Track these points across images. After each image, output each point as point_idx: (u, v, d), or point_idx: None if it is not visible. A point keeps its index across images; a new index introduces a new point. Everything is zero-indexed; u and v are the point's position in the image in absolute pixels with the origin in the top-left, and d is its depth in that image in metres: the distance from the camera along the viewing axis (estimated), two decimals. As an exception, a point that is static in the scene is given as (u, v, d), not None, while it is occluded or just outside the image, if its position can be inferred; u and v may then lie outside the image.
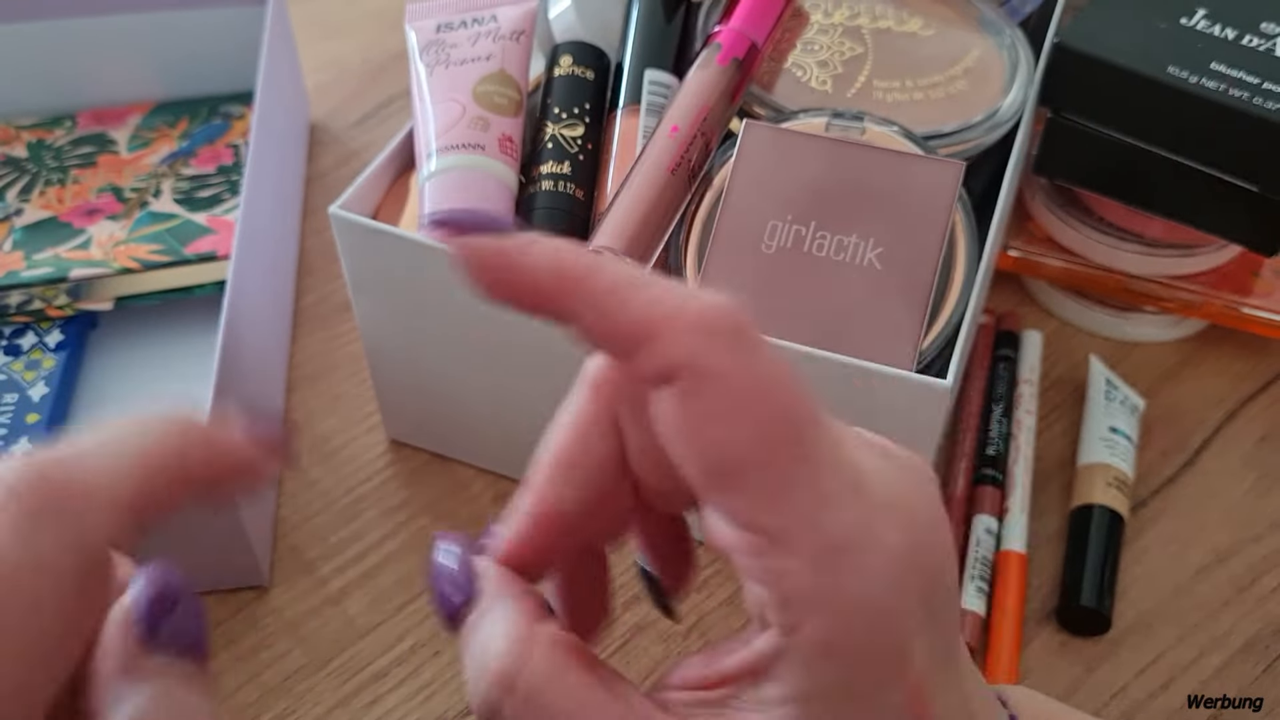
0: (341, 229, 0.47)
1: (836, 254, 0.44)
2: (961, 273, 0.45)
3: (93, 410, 0.55)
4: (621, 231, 0.45)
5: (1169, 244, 0.58)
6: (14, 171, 0.63)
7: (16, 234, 0.59)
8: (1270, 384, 0.59)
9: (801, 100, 0.52)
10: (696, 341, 0.22)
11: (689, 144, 0.47)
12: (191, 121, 0.66)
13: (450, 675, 0.48)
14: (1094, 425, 0.55)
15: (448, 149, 0.49)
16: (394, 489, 0.54)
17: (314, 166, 0.69)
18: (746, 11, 0.50)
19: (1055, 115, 0.56)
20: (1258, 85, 0.51)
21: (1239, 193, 0.53)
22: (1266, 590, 0.50)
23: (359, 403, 0.57)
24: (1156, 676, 0.48)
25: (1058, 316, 0.62)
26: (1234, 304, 0.58)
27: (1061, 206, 0.60)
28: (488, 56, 0.51)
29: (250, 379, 0.51)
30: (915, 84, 0.52)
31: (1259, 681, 0.47)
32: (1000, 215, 0.48)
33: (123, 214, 0.60)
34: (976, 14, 0.56)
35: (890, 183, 0.45)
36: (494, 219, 0.24)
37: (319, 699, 0.47)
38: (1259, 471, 0.55)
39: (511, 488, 0.54)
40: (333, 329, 0.61)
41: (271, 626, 0.49)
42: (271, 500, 0.53)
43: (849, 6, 0.55)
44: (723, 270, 0.45)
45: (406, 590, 0.50)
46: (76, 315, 0.57)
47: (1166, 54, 0.53)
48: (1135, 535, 0.52)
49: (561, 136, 0.50)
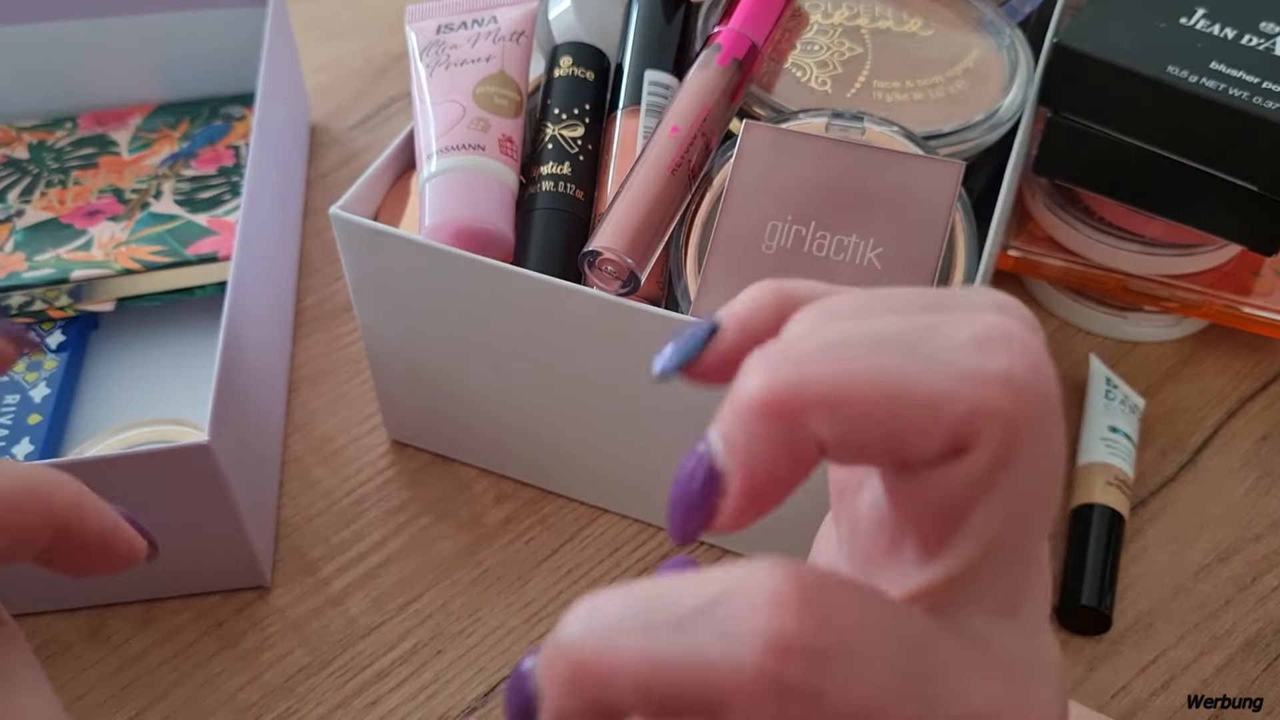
0: (342, 230, 0.47)
1: (836, 254, 0.44)
2: (961, 273, 0.46)
3: (94, 411, 0.55)
4: (622, 232, 0.45)
5: (1169, 244, 0.58)
6: (15, 173, 0.63)
7: (18, 235, 0.59)
8: (1270, 383, 0.59)
9: (801, 101, 0.52)
10: (1013, 408, 0.19)
11: (689, 144, 0.47)
12: (192, 123, 0.66)
13: (452, 675, 0.48)
14: (1094, 424, 0.55)
15: (448, 150, 0.49)
16: (395, 489, 0.54)
17: (315, 168, 0.69)
18: (746, 12, 0.50)
19: (1055, 115, 0.56)
20: (1257, 84, 0.51)
21: (1239, 192, 0.53)
22: (1267, 589, 0.50)
23: (360, 403, 0.57)
24: (1157, 676, 0.48)
25: (1058, 316, 0.62)
26: (1234, 303, 0.58)
27: (1061, 206, 0.60)
28: (488, 57, 0.51)
29: (251, 380, 0.51)
30: (915, 84, 0.52)
31: (1259, 681, 0.47)
32: (1000, 215, 0.48)
33: (124, 215, 0.60)
34: (976, 14, 0.56)
35: (890, 183, 0.45)
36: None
37: (321, 699, 0.47)
38: (1259, 470, 0.55)
39: (513, 488, 0.54)
40: (334, 330, 0.61)
41: (273, 627, 0.49)
42: (273, 501, 0.53)
43: (848, 7, 0.55)
44: (723, 271, 0.45)
45: (408, 590, 0.50)
46: (78, 316, 0.57)
47: (1166, 54, 0.53)
48: (1135, 534, 0.52)
49: (562, 137, 0.50)
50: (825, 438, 0.19)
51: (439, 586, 0.51)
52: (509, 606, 0.50)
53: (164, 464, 0.44)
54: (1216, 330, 0.60)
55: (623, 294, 0.45)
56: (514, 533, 0.52)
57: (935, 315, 0.20)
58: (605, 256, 0.45)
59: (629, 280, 0.45)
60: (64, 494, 0.26)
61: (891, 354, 0.19)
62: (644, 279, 0.46)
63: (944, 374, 0.19)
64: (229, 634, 0.49)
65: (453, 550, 0.52)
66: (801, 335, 0.20)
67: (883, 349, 0.19)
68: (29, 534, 0.25)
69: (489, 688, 0.48)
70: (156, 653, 0.48)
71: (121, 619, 0.49)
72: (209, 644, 0.49)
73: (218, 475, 0.44)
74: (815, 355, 0.19)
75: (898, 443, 0.19)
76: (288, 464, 0.55)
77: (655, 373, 0.22)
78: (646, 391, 0.46)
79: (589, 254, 0.45)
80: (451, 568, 0.51)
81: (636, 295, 0.46)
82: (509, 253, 0.49)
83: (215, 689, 0.47)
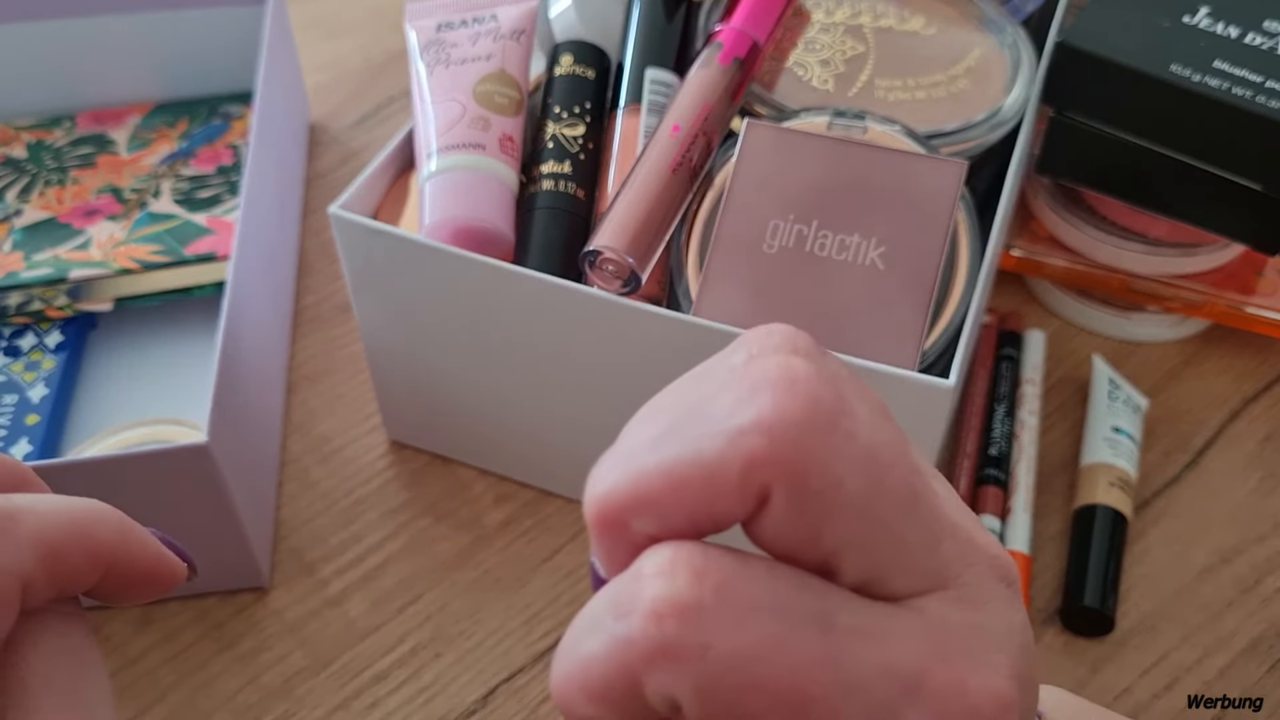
0: (341, 229, 0.47)
1: (839, 254, 0.44)
2: (964, 272, 0.45)
3: (92, 411, 0.55)
4: (623, 231, 0.45)
5: (1172, 243, 0.58)
6: (13, 172, 0.63)
7: (16, 235, 0.59)
8: (1274, 383, 0.59)
9: (803, 99, 0.51)
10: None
11: (690, 143, 0.47)
12: (191, 122, 0.66)
13: (451, 677, 0.48)
14: (1097, 425, 0.54)
15: (448, 149, 0.48)
16: (395, 490, 0.54)
17: (314, 166, 0.69)
18: (748, 10, 0.50)
19: (1058, 114, 0.56)
20: (1260, 84, 0.51)
21: (1242, 191, 0.53)
22: (1270, 591, 0.50)
23: (359, 404, 0.57)
24: (1160, 677, 0.47)
25: (1060, 316, 0.61)
26: (1237, 303, 0.57)
27: (1064, 206, 0.60)
28: (488, 56, 0.51)
29: (250, 380, 0.51)
30: (917, 83, 0.52)
31: (1262, 682, 0.47)
32: (1003, 214, 0.48)
33: (122, 214, 0.60)
34: (978, 12, 0.55)
35: (892, 182, 0.45)
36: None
37: (319, 701, 0.47)
38: (1263, 471, 0.55)
39: (513, 488, 0.54)
40: (333, 329, 0.60)
41: (272, 628, 0.49)
42: (272, 501, 0.53)
43: (851, 5, 0.55)
44: (724, 270, 0.45)
45: (407, 592, 0.50)
46: (76, 316, 0.57)
47: (1169, 52, 0.52)
48: (1138, 535, 0.52)
49: (562, 136, 0.50)
50: (652, 531, 0.21)
51: (438, 588, 0.50)
52: (509, 608, 0.50)
53: (162, 464, 0.44)
54: (1219, 330, 0.60)
55: (624, 294, 0.45)
56: (514, 534, 0.52)
57: (706, 387, 0.22)
58: (606, 256, 0.45)
59: (630, 280, 0.45)
60: (107, 532, 0.26)
61: (670, 442, 0.21)
62: (645, 278, 0.45)
63: (713, 444, 0.20)
64: (227, 635, 0.49)
65: (452, 551, 0.52)
66: (607, 455, 0.22)
67: (664, 440, 0.21)
68: (76, 577, 0.25)
69: (488, 690, 0.47)
70: (155, 654, 0.48)
71: (120, 620, 0.49)
72: (207, 645, 0.48)
73: (216, 476, 0.44)
74: (614, 466, 0.21)
75: (709, 515, 0.21)
76: (286, 464, 0.55)
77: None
78: (647, 392, 0.46)
79: (590, 253, 0.45)
80: (451, 569, 0.51)
81: (637, 295, 0.46)
82: (509, 252, 0.48)
83: (214, 691, 0.47)
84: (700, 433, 0.20)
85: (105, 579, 0.26)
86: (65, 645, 0.25)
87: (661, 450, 0.21)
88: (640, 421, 0.22)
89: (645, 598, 0.20)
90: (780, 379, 0.21)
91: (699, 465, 0.20)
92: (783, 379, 0.20)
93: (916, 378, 0.41)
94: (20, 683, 0.24)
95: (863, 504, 0.20)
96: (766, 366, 0.21)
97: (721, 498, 0.20)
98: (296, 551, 0.51)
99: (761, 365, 0.21)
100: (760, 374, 0.21)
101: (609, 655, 0.20)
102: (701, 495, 0.20)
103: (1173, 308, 0.59)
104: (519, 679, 0.48)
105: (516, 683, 0.48)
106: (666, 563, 0.20)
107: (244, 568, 0.49)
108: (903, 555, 0.21)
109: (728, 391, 0.21)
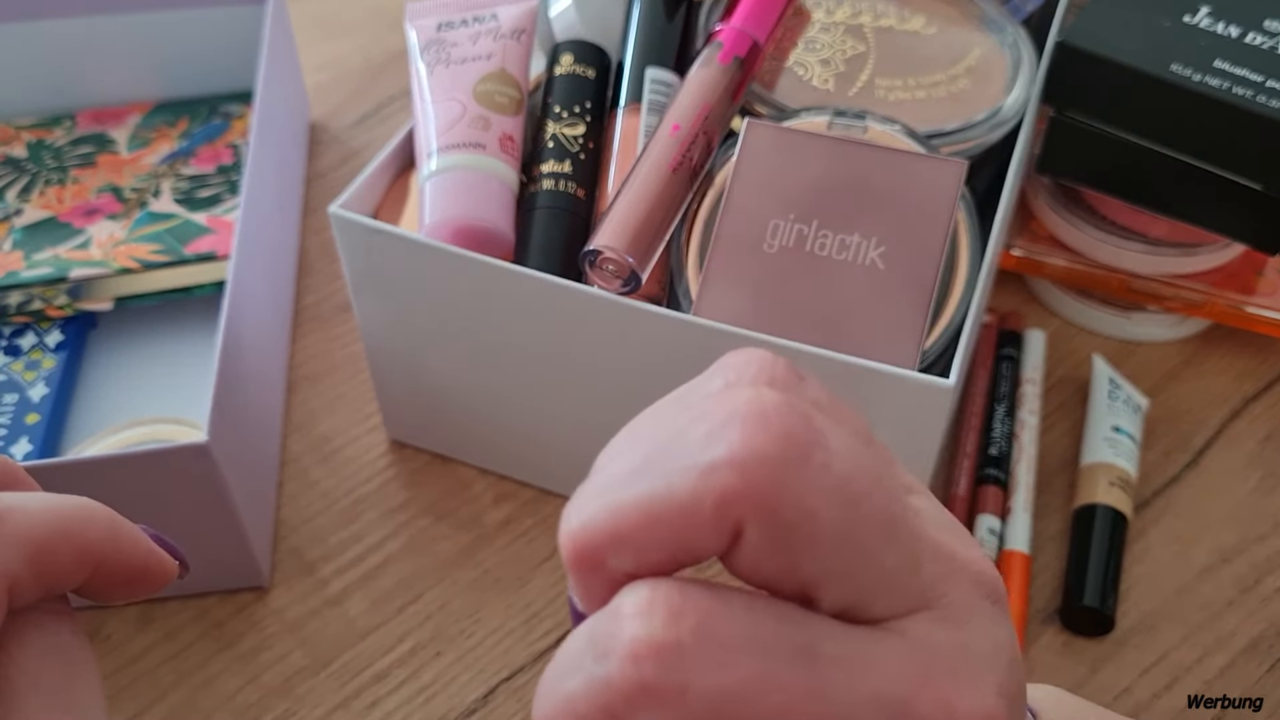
0: (341, 229, 0.47)
1: (839, 253, 0.44)
2: (964, 272, 0.45)
3: (92, 410, 0.55)
4: (623, 231, 0.45)
5: (1172, 243, 0.58)
6: (13, 171, 0.63)
7: (16, 234, 0.59)
8: (1274, 383, 0.59)
9: (803, 99, 0.51)
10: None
11: (690, 143, 0.47)
12: (191, 121, 0.66)
13: (451, 677, 0.48)
14: (1097, 425, 0.54)
15: (448, 148, 0.48)
16: (395, 490, 0.54)
17: (314, 166, 0.69)
18: (748, 10, 0.50)
19: (1058, 114, 0.55)
20: (1261, 83, 0.51)
21: (1242, 191, 0.53)
22: (1270, 590, 0.50)
23: (359, 403, 0.57)
24: (1160, 677, 0.47)
25: (1061, 316, 0.61)
26: (1237, 303, 0.57)
27: (1064, 205, 0.60)
28: (488, 55, 0.51)
29: (250, 379, 0.51)
30: (918, 82, 0.52)
31: (1262, 682, 0.47)
32: (1003, 214, 0.48)
33: (122, 214, 0.60)
34: (979, 12, 0.55)
35: (893, 182, 0.45)
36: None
37: (319, 700, 0.47)
38: (1263, 471, 0.55)
39: (513, 488, 0.54)
40: (333, 329, 0.60)
41: (272, 628, 0.49)
42: (272, 501, 0.53)
43: (851, 5, 0.55)
44: (725, 270, 0.45)
45: (407, 591, 0.50)
46: (76, 315, 0.57)
47: (1169, 52, 0.52)
48: (1138, 535, 0.52)
49: (562, 135, 0.50)
50: (629, 568, 0.21)
51: (438, 587, 0.50)
52: (509, 607, 0.50)
53: (162, 464, 0.44)
54: (1220, 330, 0.60)
55: (624, 293, 0.45)
56: (514, 533, 0.52)
57: (682, 416, 0.21)
58: (606, 255, 0.45)
59: (630, 279, 0.45)
60: (96, 530, 0.25)
61: (644, 477, 0.21)
62: (645, 278, 0.45)
63: (687, 479, 0.20)
64: (228, 635, 0.49)
65: (452, 551, 0.52)
66: (582, 489, 0.22)
67: (638, 475, 0.21)
68: (64, 576, 0.25)
69: (489, 689, 0.47)
70: (155, 653, 0.48)
71: (120, 619, 0.49)
72: (208, 645, 0.48)
73: (216, 475, 0.44)
74: (587, 501, 0.21)
75: (686, 550, 0.20)
76: (286, 464, 0.55)
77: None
78: (646, 391, 0.46)
79: (590, 253, 0.45)
80: (451, 568, 0.51)
81: (638, 294, 0.46)
82: (509, 252, 0.48)
83: (214, 690, 0.47)
84: (673, 467, 0.20)
85: (94, 577, 0.26)
86: (54, 644, 0.25)
87: (635, 486, 0.21)
88: (616, 452, 0.22)
89: (624, 639, 0.20)
90: (751, 412, 0.20)
91: (673, 502, 0.20)
92: (753, 412, 0.20)
93: (916, 377, 0.41)
94: (8, 682, 0.24)
95: (839, 534, 0.20)
96: (738, 400, 0.21)
97: (696, 533, 0.20)
98: (296, 551, 0.51)
99: (733, 397, 0.21)
100: (732, 407, 0.21)
101: (589, 695, 0.20)
102: (677, 531, 0.20)
103: (1173, 308, 0.59)
104: (519, 678, 0.48)
105: (516, 682, 0.48)
106: (644, 602, 0.20)
107: (244, 567, 0.49)
108: (883, 580, 0.21)
109: (702, 422, 0.21)
